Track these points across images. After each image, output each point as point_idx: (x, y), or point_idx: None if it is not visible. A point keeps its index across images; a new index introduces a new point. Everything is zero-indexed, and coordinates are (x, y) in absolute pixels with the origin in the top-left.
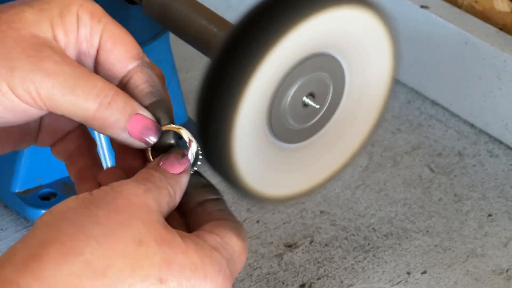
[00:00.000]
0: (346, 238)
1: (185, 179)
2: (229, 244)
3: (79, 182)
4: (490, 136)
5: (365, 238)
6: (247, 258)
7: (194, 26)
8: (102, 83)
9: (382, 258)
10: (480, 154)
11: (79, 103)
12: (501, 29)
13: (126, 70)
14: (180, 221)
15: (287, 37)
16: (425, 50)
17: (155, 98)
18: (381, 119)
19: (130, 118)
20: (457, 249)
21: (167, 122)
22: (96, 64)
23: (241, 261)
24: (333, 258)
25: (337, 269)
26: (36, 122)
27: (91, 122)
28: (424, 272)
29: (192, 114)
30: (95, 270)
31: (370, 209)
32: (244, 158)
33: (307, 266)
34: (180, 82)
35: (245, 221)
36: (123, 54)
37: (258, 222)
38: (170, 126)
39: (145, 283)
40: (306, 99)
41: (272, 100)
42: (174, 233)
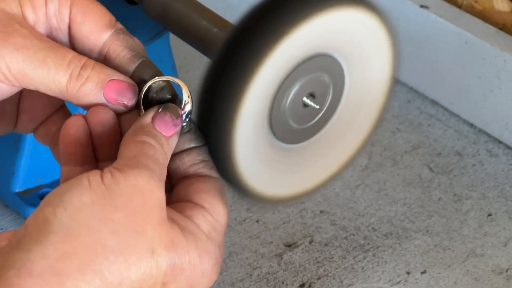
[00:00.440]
0: (345, 238)
1: (175, 142)
2: (219, 220)
3: None
4: (489, 135)
5: (364, 238)
6: (247, 258)
7: (194, 26)
8: (73, 55)
9: (382, 257)
10: (479, 154)
11: (51, 76)
12: (501, 29)
13: (102, 40)
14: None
15: (288, 38)
16: (425, 50)
17: (139, 60)
18: (381, 119)
19: (103, 85)
20: (456, 248)
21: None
22: (71, 39)
23: (224, 228)
24: (332, 257)
25: (336, 268)
26: (13, 106)
27: (65, 95)
28: (423, 271)
29: (192, 114)
30: (110, 286)
31: (369, 208)
32: (244, 158)
33: (307, 265)
34: None
35: (245, 220)
36: (95, 25)
37: (258, 221)
38: (167, 77)
39: None
40: (306, 100)
41: (272, 100)
42: (177, 229)
